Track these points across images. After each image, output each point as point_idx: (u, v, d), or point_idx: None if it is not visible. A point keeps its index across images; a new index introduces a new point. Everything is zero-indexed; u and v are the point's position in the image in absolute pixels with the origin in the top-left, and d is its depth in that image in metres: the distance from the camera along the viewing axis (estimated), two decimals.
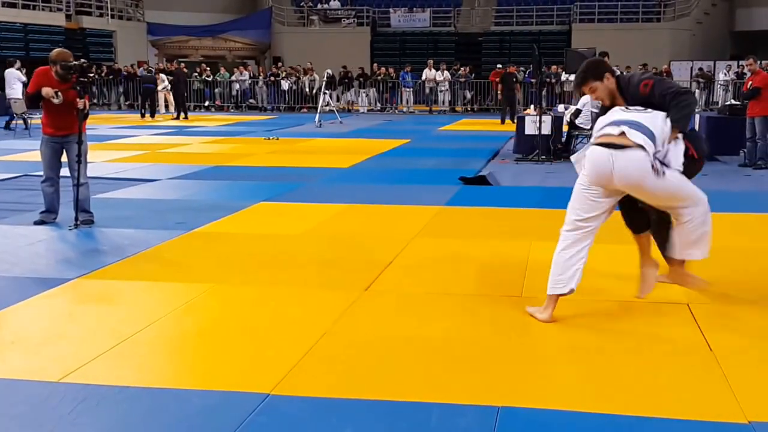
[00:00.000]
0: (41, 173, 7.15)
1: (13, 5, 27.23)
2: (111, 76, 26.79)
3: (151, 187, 9.32)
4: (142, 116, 22.39)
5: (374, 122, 21.22)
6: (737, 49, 29.28)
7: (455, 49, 30.78)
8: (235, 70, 27.52)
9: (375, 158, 12.47)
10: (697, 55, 29.00)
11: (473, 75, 26.46)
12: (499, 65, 23.33)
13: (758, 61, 12.22)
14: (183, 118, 22.05)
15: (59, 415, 3.16)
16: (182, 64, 25.75)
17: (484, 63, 29.21)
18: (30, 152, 12.08)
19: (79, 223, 6.79)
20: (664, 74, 24.05)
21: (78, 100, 6.70)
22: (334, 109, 21.52)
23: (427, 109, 25.60)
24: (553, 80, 23.74)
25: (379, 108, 26.19)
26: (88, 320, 4.41)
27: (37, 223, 6.94)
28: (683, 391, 3.38)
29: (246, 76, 27.11)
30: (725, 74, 25.45)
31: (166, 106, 23.73)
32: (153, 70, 24.05)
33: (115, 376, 3.56)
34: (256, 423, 3.11)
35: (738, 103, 13.71)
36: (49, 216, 7.02)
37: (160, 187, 9.32)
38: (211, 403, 3.28)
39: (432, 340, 4.03)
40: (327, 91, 21.17)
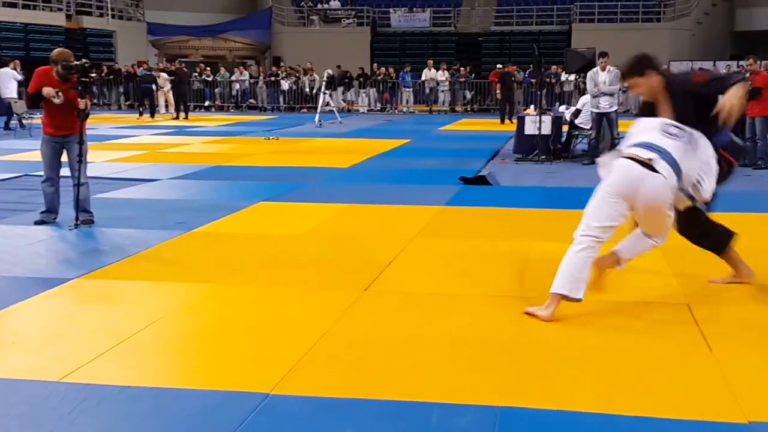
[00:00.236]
0: (41, 173, 7.15)
1: (14, 5, 27.24)
2: (111, 76, 26.79)
3: (151, 187, 9.32)
4: (140, 115, 22.41)
5: (374, 122, 21.23)
6: (737, 49, 29.26)
7: (455, 49, 30.78)
8: (236, 70, 27.53)
9: (375, 158, 12.47)
10: (697, 55, 28.98)
11: (473, 75, 26.45)
12: (499, 65, 23.34)
13: (758, 62, 12.23)
14: (184, 117, 22.05)
15: (59, 415, 3.16)
16: (182, 64, 25.75)
17: (484, 63, 29.20)
18: (30, 152, 12.08)
19: (79, 223, 6.79)
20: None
21: (79, 100, 6.71)
22: (334, 109, 21.52)
23: (427, 109, 25.60)
24: (553, 80, 23.73)
25: (379, 108, 26.20)
26: (89, 320, 4.41)
27: (37, 223, 6.95)
28: (683, 391, 3.38)
29: (246, 76, 27.11)
30: None
31: (167, 106, 23.73)
32: (153, 70, 24.04)
33: (115, 376, 3.56)
34: (256, 423, 3.11)
35: None
36: (49, 216, 7.02)
37: (160, 187, 9.33)
38: (212, 402, 3.29)
39: (432, 340, 4.03)
40: (327, 91, 21.16)
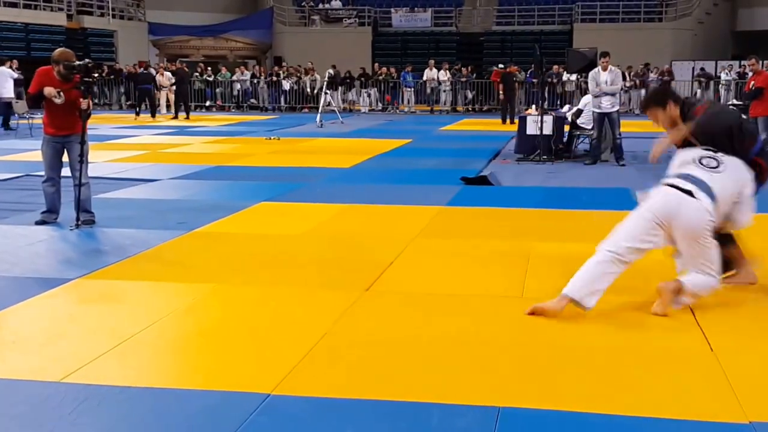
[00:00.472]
0: (42, 173, 7.15)
1: (15, 5, 27.26)
2: (112, 76, 26.81)
3: (152, 187, 9.32)
4: (137, 116, 22.39)
5: (375, 122, 21.22)
6: (739, 49, 29.26)
7: (457, 49, 30.78)
8: (237, 69, 27.53)
9: (376, 158, 12.47)
10: (699, 55, 28.98)
11: (474, 75, 26.45)
12: (500, 65, 23.34)
13: (760, 61, 12.22)
14: (185, 118, 22.06)
15: (60, 415, 3.17)
16: (183, 64, 25.76)
17: (485, 63, 29.18)
18: (31, 152, 12.09)
19: (80, 223, 6.80)
20: (666, 74, 24.07)
21: (81, 100, 6.71)
22: (336, 109, 21.51)
23: (429, 109, 25.60)
24: (554, 80, 23.73)
25: (381, 108, 26.19)
26: (89, 320, 4.41)
27: (38, 223, 6.94)
28: (683, 391, 3.38)
29: (247, 75, 27.12)
30: (727, 74, 25.43)
31: (168, 106, 23.74)
32: (153, 70, 24.03)
33: (116, 376, 3.56)
34: (256, 423, 3.11)
35: (740, 103, 13.71)
36: (50, 216, 7.02)
37: (161, 187, 9.33)
38: (212, 403, 3.29)
39: (433, 340, 4.03)
40: (328, 91, 21.16)
